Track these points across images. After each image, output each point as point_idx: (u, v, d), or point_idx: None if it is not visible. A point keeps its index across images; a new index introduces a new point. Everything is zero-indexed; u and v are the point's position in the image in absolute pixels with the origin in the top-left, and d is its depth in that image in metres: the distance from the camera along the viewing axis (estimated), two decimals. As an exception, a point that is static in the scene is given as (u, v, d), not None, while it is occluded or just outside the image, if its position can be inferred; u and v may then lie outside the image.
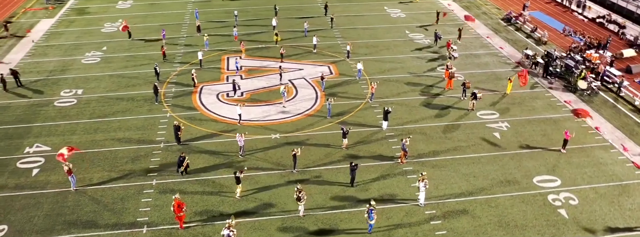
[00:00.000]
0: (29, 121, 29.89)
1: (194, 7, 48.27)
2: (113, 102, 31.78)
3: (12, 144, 27.63)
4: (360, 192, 23.80)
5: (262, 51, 39.12)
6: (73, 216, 22.43)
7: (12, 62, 37.44)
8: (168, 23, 44.85)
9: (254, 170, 25.32)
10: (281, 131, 28.61)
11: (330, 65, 36.59)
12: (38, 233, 21.50)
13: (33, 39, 41.39)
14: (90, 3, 50.90)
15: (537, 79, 34.87)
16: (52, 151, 26.87)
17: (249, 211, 22.59)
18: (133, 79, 34.66)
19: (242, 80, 34.43)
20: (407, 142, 25.59)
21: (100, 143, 27.62)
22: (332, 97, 31.46)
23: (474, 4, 50.33)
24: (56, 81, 34.71)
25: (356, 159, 25.92)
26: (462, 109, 30.88)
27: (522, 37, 42.10)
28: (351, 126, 28.50)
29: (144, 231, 21.58)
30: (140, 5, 50.06)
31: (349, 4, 50.13)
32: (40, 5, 50.08)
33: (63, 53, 39.14)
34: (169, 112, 30.60)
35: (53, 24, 45.18)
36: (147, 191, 23.97)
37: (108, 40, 41.38)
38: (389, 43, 40.58)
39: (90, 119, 30.00)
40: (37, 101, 32.06)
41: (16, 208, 22.98)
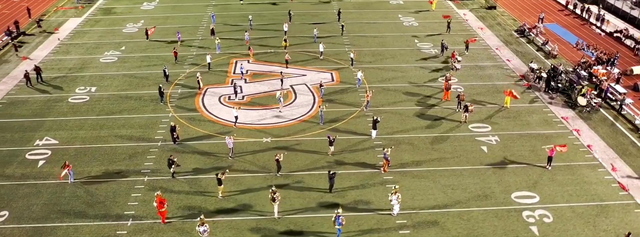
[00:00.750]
0: (43, 115, 32.09)
1: (213, 10, 50.18)
2: (121, 101, 33.66)
3: (24, 137, 29.81)
4: (337, 198, 24.61)
5: (270, 56, 40.37)
6: (67, 206, 24.20)
7: (36, 59, 40.11)
8: (186, 25, 46.77)
9: (240, 172, 26.54)
10: (273, 135, 29.74)
11: (333, 72, 37.48)
12: (34, 220, 23.35)
13: (59, 37, 44.04)
14: (118, 3, 53.49)
15: (539, 93, 34.76)
16: (59, 144, 28.90)
17: (228, 211, 23.79)
18: (144, 79, 36.51)
19: (246, 84, 35.85)
20: (388, 152, 26.25)
21: (103, 139, 29.44)
22: (324, 103, 32.44)
23: (490, 14, 50.11)
24: (74, 78, 36.94)
25: (340, 166, 26.81)
26: (455, 121, 31.21)
27: (532, 50, 41.84)
28: (342, 134, 29.40)
29: (129, 223, 23.08)
30: (164, 7, 52.24)
31: (364, 11, 50.83)
32: (71, 4, 53.03)
33: (84, 52, 41.50)
34: (171, 112, 32.22)
35: (80, 23, 47.83)
36: (138, 186, 25.51)
37: (127, 41, 43.55)
38: (396, 52, 41.11)
39: (98, 115, 31.94)
40: (53, 97, 34.31)
41: (19, 196, 24.96)
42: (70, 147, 28.61)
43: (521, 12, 50.73)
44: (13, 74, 37.60)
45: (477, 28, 46.15)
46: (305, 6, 52.17)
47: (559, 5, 52.69)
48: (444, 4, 52.85)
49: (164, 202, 22.96)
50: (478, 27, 46.43)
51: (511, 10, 51.40)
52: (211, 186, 25.27)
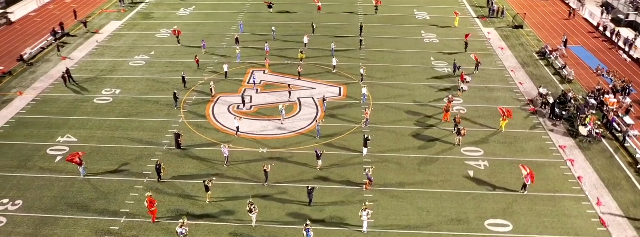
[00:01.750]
0: (68, 113, 35.23)
1: (242, 19, 52.47)
2: (140, 104, 36.36)
3: (49, 133, 32.97)
4: (314, 211, 25.99)
5: (285, 67, 42.11)
6: (73, 199, 26.86)
7: (74, 59, 43.70)
8: (215, 33, 49.30)
9: (231, 179, 28.41)
10: (270, 146, 31.44)
11: (341, 87, 38.74)
12: (43, 211, 26.14)
13: (97, 39, 47.64)
14: (157, 8, 56.88)
15: (542, 119, 34.64)
16: (77, 142, 31.81)
17: (211, 215, 25.68)
18: (164, 84, 39.11)
19: (256, 93, 37.75)
20: (369, 171, 27.37)
21: (116, 140, 32.11)
22: (321, 118, 33.82)
23: (515, 34, 49.70)
24: (103, 80, 40.09)
25: (325, 181, 28.17)
26: (449, 143, 31.79)
27: (549, 73, 41.42)
28: (335, 149, 30.78)
29: (122, 220, 25.43)
30: (198, 14, 55.09)
31: (388, 25, 51.60)
32: (114, 7, 56.91)
33: (117, 54, 44.76)
34: (182, 117, 34.59)
35: (119, 26, 51.41)
36: (137, 186, 27.86)
37: (158, 45, 46.51)
38: (409, 69, 41.83)
39: (117, 117, 34.74)
40: (81, 97, 37.50)
41: (33, 187, 27.89)
42: (86, 145, 31.45)
43: (548, 33, 50.01)
44: (51, 73, 41.22)
45: (497, 47, 46.04)
46: (331, 18, 53.57)
47: (589, 27, 51.53)
48: (469, 21, 52.85)
49: (153, 202, 25.17)
50: (499, 46, 46.29)
51: (539, 30, 50.74)
52: (202, 191, 27.23)
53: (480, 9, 56.30)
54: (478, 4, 57.99)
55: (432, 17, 53.80)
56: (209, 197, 26.67)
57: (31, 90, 38.51)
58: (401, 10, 55.85)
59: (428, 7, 56.69)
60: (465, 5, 57.54)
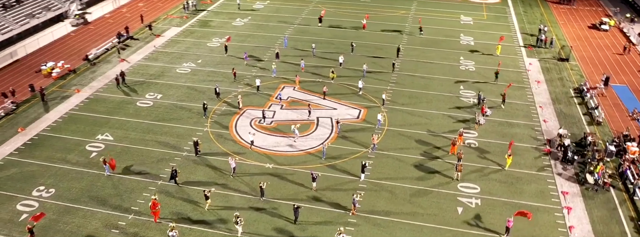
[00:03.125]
0: (112, 113, 39.61)
1: (289, 33, 55.03)
2: (174, 111, 40.02)
3: (91, 130, 37.42)
4: (298, 230, 27.96)
5: (316, 86, 44.12)
6: (95, 193, 30.74)
7: (131, 62, 48.50)
8: (261, 45, 52.36)
9: (232, 190, 31.06)
10: (277, 162, 33.73)
11: (362, 110, 40.20)
12: (69, 200, 30.22)
13: (155, 44, 52.35)
14: (216, 17, 61.03)
15: (554, 162, 34.15)
16: (112, 141, 35.92)
17: (206, 222, 28.44)
18: (201, 93, 42.59)
19: (281, 109, 40.17)
20: (357, 197, 28.86)
21: (145, 142, 35.87)
22: (327, 140, 35.58)
23: (559, 67, 48.38)
24: (150, 84, 44.34)
25: (316, 202, 30.06)
26: (448, 177, 32.44)
27: (579, 113, 40.31)
28: (335, 171, 32.55)
29: (130, 217, 28.87)
30: (251, 25, 58.48)
31: (429, 48, 52.02)
32: (179, 13, 61.77)
33: (168, 60, 49.07)
34: (207, 127, 37.79)
35: (178, 32, 55.98)
36: (151, 187, 31.29)
37: (207, 54, 50.32)
38: (434, 96, 42.38)
39: (152, 121, 38.59)
40: (127, 99, 41.88)
41: (67, 178, 32.16)
42: (118, 144, 35.52)
43: (595, 68, 48.20)
44: (108, 74, 46.18)
45: (533, 80, 45.26)
46: (375, 37, 54.75)
47: (644, 65, 49.15)
48: (514, 49, 52.01)
49: (156, 205, 28.38)
50: (536, 79, 45.46)
51: (586, 64, 49.03)
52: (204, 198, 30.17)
53: (530, 37, 55.15)
54: (530, 31, 56.80)
55: (477, 42, 53.56)
56: (208, 205, 29.51)
57: (88, 89, 43.55)
58: (448, 33, 56.05)
59: (476, 32, 56.41)
60: (515, 32, 56.60)
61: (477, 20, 59.83)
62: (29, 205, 29.65)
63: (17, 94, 41.75)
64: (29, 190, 30.93)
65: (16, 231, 27.69)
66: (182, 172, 32.24)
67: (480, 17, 60.95)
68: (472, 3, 66.43)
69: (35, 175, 32.34)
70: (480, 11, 63.08)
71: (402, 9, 63.62)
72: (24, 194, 30.53)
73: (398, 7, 64.06)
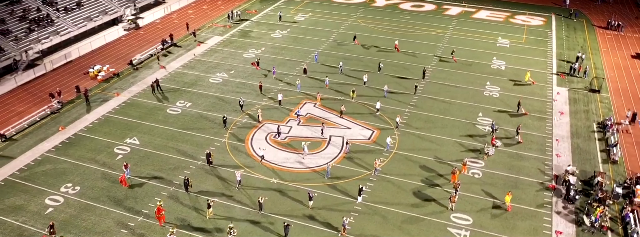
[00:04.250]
0: (143, 118, 42.95)
1: (324, 48, 56.70)
2: (199, 120, 42.80)
3: (122, 133, 40.85)
4: None
5: (336, 103, 45.54)
6: (113, 194, 33.89)
7: (169, 70, 51.92)
8: (294, 59, 54.44)
9: (235, 201, 33.27)
10: (282, 178, 35.59)
11: (375, 131, 41.29)
12: (90, 199, 33.54)
13: (194, 52, 55.63)
14: (257, 27, 63.73)
15: (556, 199, 33.91)
16: (138, 145, 39.13)
17: (205, 230, 30.79)
18: (227, 104, 45.18)
19: (298, 125, 41.98)
20: (347, 220, 30.23)
21: (166, 149, 38.80)
22: (333, 160, 36.97)
23: (588, 98, 47.10)
24: (182, 93, 47.47)
25: (309, 220, 31.72)
26: (443, 206, 33.08)
27: (596, 150, 39.46)
28: (334, 192, 34.04)
29: (139, 219, 31.72)
30: (288, 38, 60.67)
31: (457, 71, 52.06)
32: (223, 22, 64.96)
33: (204, 69, 52.13)
34: (225, 138, 40.24)
35: (218, 41, 59.11)
36: (163, 193, 34.10)
37: (240, 65, 52.94)
38: (450, 122, 42.75)
39: (176, 128, 41.54)
40: (159, 105, 45.16)
41: (92, 178, 35.57)
42: (142, 149, 38.68)
43: (627, 102, 46.60)
44: (147, 79, 49.83)
45: (557, 111, 44.56)
46: (404, 57, 55.14)
47: (683, 102, 46.95)
48: (545, 77, 51.03)
49: (161, 210, 31.08)
50: (559, 110, 44.72)
51: (618, 97, 47.51)
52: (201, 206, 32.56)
53: (566, 64, 53.88)
54: (567, 57, 55.47)
55: (508, 67, 53.06)
56: (210, 213, 31.87)
57: (127, 93, 47.30)
58: (480, 56, 55.80)
59: (510, 56, 55.76)
60: (551, 58, 55.47)
61: (514, 44, 59.09)
62: (56, 200, 33.23)
63: (64, 95, 46.15)
64: (58, 186, 34.58)
65: (40, 223, 31.22)
66: (194, 181, 34.88)
67: (519, 40, 60.09)
68: (514, 25, 65.44)
69: (66, 172, 36.02)
70: (520, 34, 62.13)
71: (440, 28, 63.78)
72: (53, 190, 34.20)
73: (436, 26, 64.28)
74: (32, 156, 37.83)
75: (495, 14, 69.22)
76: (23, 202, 33.03)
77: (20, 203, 32.90)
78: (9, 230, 30.62)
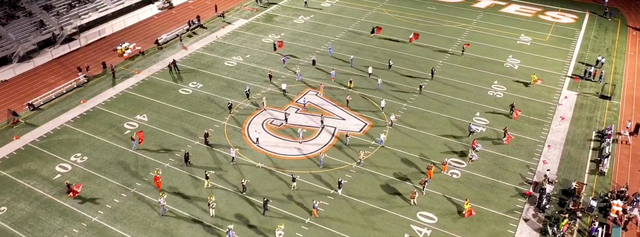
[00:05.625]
0: (156, 97, 46.30)
1: (341, 37, 57.69)
2: (205, 102, 45.63)
3: (134, 110, 44.38)
4: (265, 222, 32.45)
5: (338, 94, 46.89)
6: (115, 166, 37.52)
7: (190, 50, 54.88)
8: (309, 46, 55.93)
9: (228, 176, 36.09)
10: (271, 163, 37.87)
11: (368, 123, 42.56)
12: (94, 169, 37.34)
13: (217, 35, 58.23)
14: (282, 12, 65.41)
15: (529, 206, 34.37)
16: (146, 122, 42.51)
17: (191, 198, 33.81)
18: (235, 89, 47.68)
19: (296, 113, 43.88)
20: (316, 203, 32.99)
21: (170, 127, 41.99)
22: (323, 148, 38.90)
23: (596, 104, 46.01)
24: (197, 74, 50.39)
25: (289, 201, 34.10)
26: (407, 201, 34.40)
27: (587, 159, 39.08)
28: (317, 181, 36.04)
29: (132, 191, 35.19)
30: (310, 24, 62.04)
31: (467, 68, 51.82)
32: (251, 5, 67.02)
33: (222, 52, 54.72)
34: (226, 121, 42.90)
35: (242, 25, 61.40)
36: (159, 167, 37.29)
37: (257, 50, 55.14)
38: (444, 120, 43.28)
39: (184, 108, 44.60)
40: (173, 85, 48.34)
41: (100, 149, 39.36)
42: (149, 126, 42.08)
43: (637, 111, 45.20)
44: (168, 59, 53.02)
45: (558, 116, 44.02)
46: (422, 51, 55.09)
47: (698, 115, 44.98)
48: (557, 79, 49.96)
49: (157, 178, 34.75)
50: (561, 115, 44.16)
51: (629, 106, 46.09)
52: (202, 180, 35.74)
53: (586, 66, 52.35)
54: (588, 60, 53.82)
55: (521, 67, 52.33)
56: (207, 184, 35.25)
57: (147, 71, 50.80)
58: (496, 53, 55.16)
59: (527, 55, 54.79)
60: (570, 60, 54.03)
61: (536, 42, 57.82)
62: (64, 168, 37.30)
63: (91, 70, 50.22)
64: (69, 155, 38.65)
65: (47, 187, 35.37)
66: (192, 156, 37.93)
67: (542, 38, 58.68)
68: (542, 21, 63.66)
69: (78, 143, 40.04)
70: (546, 31, 60.51)
71: (464, 21, 63.11)
72: (64, 158, 38.29)
73: (460, 19, 63.65)
74: (53, 126, 42.20)
75: (526, 9, 67.43)
76: (37, 167, 37.35)
77: (34, 168, 37.24)
78: (20, 191, 34.99)
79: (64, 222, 32.30)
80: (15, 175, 36.46)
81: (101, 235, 31.33)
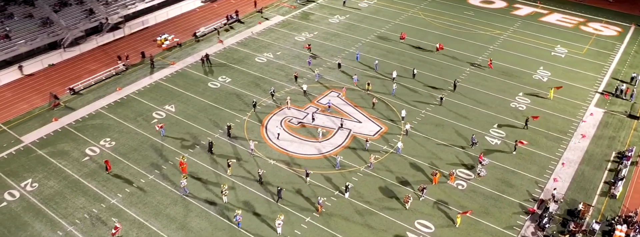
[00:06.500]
0: (186, 89, 48.78)
1: (371, 38, 58.26)
2: (231, 97, 47.68)
3: (164, 100, 47.04)
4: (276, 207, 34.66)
5: (359, 96, 47.83)
6: (140, 152, 40.27)
7: (225, 45, 57.06)
8: (339, 47, 56.87)
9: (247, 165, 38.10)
10: (282, 159, 39.50)
11: (383, 128, 43.31)
12: (119, 154, 40.19)
13: (253, 30, 60.11)
14: (319, 10, 66.53)
15: (529, 223, 34.38)
16: (172, 112, 45.06)
17: (216, 184, 36.04)
18: (260, 85, 49.46)
19: (316, 114, 45.08)
20: (321, 200, 34.65)
21: (194, 118, 44.32)
22: (335, 149, 40.13)
23: (623, 124, 44.65)
24: (227, 68, 52.53)
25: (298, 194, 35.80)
26: (413, 210, 35.13)
27: (600, 181, 38.32)
28: (327, 183, 37.44)
29: (160, 170, 37.85)
30: (343, 24, 62.89)
31: (494, 78, 51.35)
32: (290, 2, 68.43)
33: (255, 48, 56.58)
34: (247, 116, 44.78)
35: (278, 21, 63.02)
36: (183, 153, 39.73)
37: (288, 47, 56.65)
38: (460, 130, 43.40)
39: (209, 102, 46.85)
40: (203, 78, 50.69)
41: (127, 136, 42.23)
42: (174, 116, 44.60)
43: (669, 134, 43.75)
44: (203, 52, 55.40)
45: (579, 134, 43.20)
46: (449, 59, 54.79)
47: None
48: (587, 94, 48.75)
49: (182, 163, 37.43)
50: (582, 133, 43.30)
51: (658, 127, 44.66)
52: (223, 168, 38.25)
53: (620, 83, 50.69)
54: (623, 76, 51.97)
55: (550, 79, 51.30)
56: (230, 171, 37.70)
57: (181, 63, 53.42)
58: (527, 64, 54.22)
59: (559, 68, 53.57)
60: (604, 75, 52.42)
61: (571, 54, 56.38)
62: (93, 151, 40.38)
63: (130, 59, 53.33)
64: (99, 139, 41.72)
65: (76, 168, 38.49)
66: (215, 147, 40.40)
67: (578, 51, 57.12)
68: (582, 32, 61.76)
69: (109, 128, 43.07)
70: (584, 44, 58.78)
71: (499, 28, 62.16)
72: (94, 141, 41.40)
73: (495, 26, 62.73)
74: (89, 110, 45.49)
75: (568, 19, 65.54)
76: (69, 148, 40.61)
77: (67, 149, 40.51)
78: (51, 170, 38.29)
79: (85, 201, 35.33)
80: (50, 154, 39.87)
81: (117, 216, 34.12)
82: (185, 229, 33.23)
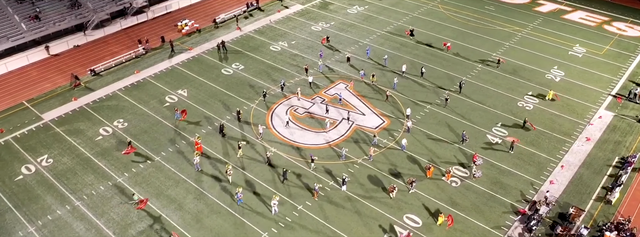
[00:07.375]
0: (200, 74, 50.43)
1: (386, 31, 58.37)
2: (243, 85, 49.05)
3: (178, 84, 48.86)
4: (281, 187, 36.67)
5: (368, 89, 48.48)
6: (150, 134, 42.22)
7: (242, 32, 58.28)
8: (352, 38, 57.33)
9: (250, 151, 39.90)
10: (283, 149, 40.81)
11: (386, 121, 43.93)
12: (130, 134, 42.30)
13: (271, 18, 61.04)
14: (339, 1, 66.71)
15: (517, 224, 34.72)
16: (184, 97, 46.85)
17: (216, 159, 37.83)
18: (273, 74, 50.62)
19: (322, 104, 46.14)
20: (317, 186, 36.00)
21: (205, 104, 45.98)
22: (345, 148, 40.81)
23: (632, 128, 43.83)
24: (242, 56, 53.85)
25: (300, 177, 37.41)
26: (404, 204, 36.00)
27: (598, 186, 38.12)
28: (328, 175, 38.70)
29: (173, 149, 40.00)
30: (361, 15, 63.15)
31: (504, 76, 50.92)
32: (311, -9, 69.05)
33: (271, 36, 57.64)
34: (255, 104, 46.12)
35: (297, 10, 63.76)
36: (197, 134, 41.50)
37: (304, 37, 57.52)
38: (463, 127, 43.49)
39: (221, 88, 48.39)
40: (217, 64, 52.21)
41: (139, 118, 44.28)
42: (186, 101, 46.37)
43: (679, 142, 42.85)
44: (221, 38, 56.79)
45: (583, 136, 42.82)
46: (462, 55, 54.50)
47: None
48: (599, 97, 47.97)
49: (197, 143, 39.53)
50: (587, 136, 42.90)
51: (669, 133, 43.74)
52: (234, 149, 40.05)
53: (635, 86, 49.53)
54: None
55: (563, 79, 50.63)
56: (240, 154, 39.54)
57: (198, 48, 55.03)
58: (541, 62, 53.50)
59: (574, 68, 52.71)
60: (620, 77, 51.31)
61: (589, 54, 55.29)
62: (107, 131, 42.65)
63: (150, 42, 55.25)
64: (113, 119, 43.94)
65: (89, 147, 40.83)
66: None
67: (598, 51, 55.92)
68: (605, 32, 60.26)
69: (124, 110, 45.23)
70: (605, 44, 57.42)
71: (519, 25, 61.26)
72: (108, 122, 43.64)
73: (515, 22, 61.82)
74: (107, 91, 47.78)
75: (591, 17, 63.99)
76: (85, 127, 42.99)
77: (82, 128, 42.90)
78: (66, 147, 40.75)
79: (94, 179, 37.65)
80: (66, 132, 42.33)
81: (121, 194, 36.33)
82: (183, 210, 35.20)
